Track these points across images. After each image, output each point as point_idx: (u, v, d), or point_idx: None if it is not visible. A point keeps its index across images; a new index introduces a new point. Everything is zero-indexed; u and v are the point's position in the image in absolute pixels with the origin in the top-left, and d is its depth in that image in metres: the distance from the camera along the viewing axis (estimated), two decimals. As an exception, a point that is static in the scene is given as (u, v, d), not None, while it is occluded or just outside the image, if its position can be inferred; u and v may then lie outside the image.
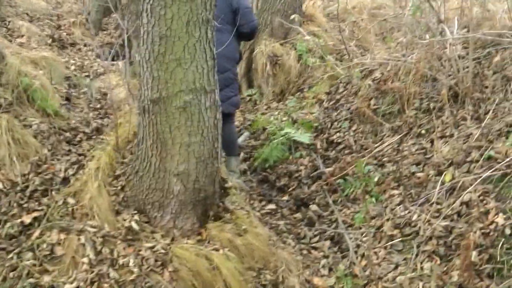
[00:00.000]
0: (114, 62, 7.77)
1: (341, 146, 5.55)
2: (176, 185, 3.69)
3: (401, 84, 5.36)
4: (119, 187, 3.92)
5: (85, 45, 8.46)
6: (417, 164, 4.54)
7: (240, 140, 6.66)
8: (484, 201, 3.73)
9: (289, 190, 5.46)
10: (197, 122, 3.57)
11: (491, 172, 3.76)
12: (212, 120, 3.66)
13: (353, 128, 5.66)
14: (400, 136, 4.99)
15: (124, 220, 3.66)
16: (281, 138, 6.01)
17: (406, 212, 4.14)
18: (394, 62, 5.65)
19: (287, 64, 7.29)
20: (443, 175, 4.11)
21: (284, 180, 5.62)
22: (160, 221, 3.73)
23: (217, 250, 3.66)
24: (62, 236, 3.40)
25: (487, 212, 3.66)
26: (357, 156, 5.09)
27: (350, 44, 7.33)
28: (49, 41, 7.79)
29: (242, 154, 6.32)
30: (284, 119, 6.48)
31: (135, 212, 3.74)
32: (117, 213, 3.75)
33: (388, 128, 5.24)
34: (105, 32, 8.98)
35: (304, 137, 5.75)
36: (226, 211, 4.08)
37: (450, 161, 4.19)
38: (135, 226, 3.62)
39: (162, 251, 3.45)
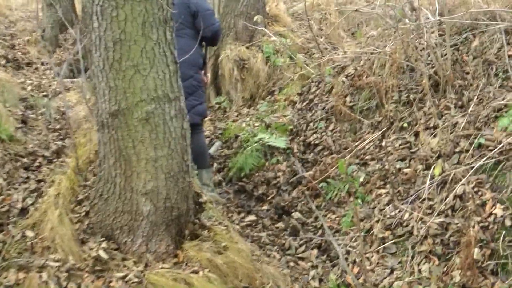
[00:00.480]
0: (75, 80, 7.39)
1: (319, 148, 5.27)
2: (145, 205, 3.35)
3: (377, 78, 5.11)
4: (83, 213, 3.56)
5: (42, 64, 8.03)
6: (403, 159, 4.28)
7: (211, 150, 6.33)
8: (479, 193, 3.47)
9: (269, 198, 5.15)
10: (163, 134, 3.25)
11: (484, 161, 3.50)
12: (179, 131, 3.33)
13: (330, 128, 5.38)
14: (381, 132, 4.73)
15: (91, 249, 3.30)
16: (255, 144, 5.71)
17: (396, 211, 3.86)
18: (367, 56, 5.40)
19: (255, 67, 6.99)
20: (432, 169, 3.84)
21: (262, 189, 5.31)
22: (131, 246, 3.39)
23: (196, 272, 3.34)
24: (21, 275, 3.01)
25: (483, 204, 3.40)
26: (338, 157, 4.81)
27: (319, 41, 7.08)
28: (3, 62, 7.35)
29: (215, 165, 6.00)
30: (256, 124, 6.17)
31: (103, 239, 3.39)
32: (83, 242, 3.38)
33: (367, 125, 4.98)
34: (62, 48, 8.57)
35: (280, 141, 5.45)
36: (203, 228, 3.77)
37: (438, 154, 3.93)
38: (103, 254, 3.26)
39: (136, 279, 3.10)
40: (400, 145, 4.42)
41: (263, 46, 7.20)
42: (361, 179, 4.42)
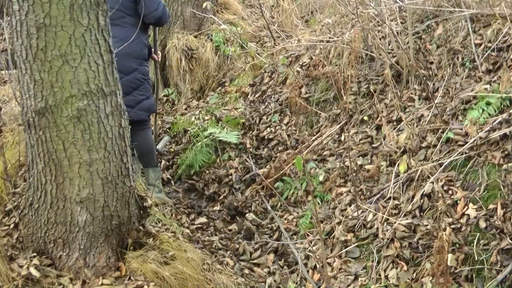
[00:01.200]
0: (13, 72, 6.83)
1: (273, 143, 4.94)
2: (81, 215, 2.97)
3: (334, 68, 4.80)
4: (11, 226, 3.13)
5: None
6: (364, 155, 4.00)
7: (159, 146, 5.92)
8: (450, 191, 3.21)
9: (220, 198, 4.80)
10: (97, 134, 2.85)
11: (454, 157, 3.24)
12: (116, 130, 2.94)
13: (285, 121, 5.06)
14: (339, 125, 4.43)
15: (21, 267, 2.91)
16: (205, 139, 5.34)
17: (359, 212, 3.57)
18: (322, 45, 5.09)
19: (204, 57, 6.59)
20: (396, 166, 3.58)
21: (213, 187, 4.94)
22: (67, 261, 3.01)
23: (140, 287, 2.98)
24: None
25: (454, 204, 3.14)
26: (294, 153, 4.49)
27: (271, 29, 6.74)
28: None
29: (163, 162, 5.59)
30: (206, 118, 5.79)
31: (34, 254, 3.00)
32: (11, 259, 2.97)
33: (324, 118, 4.68)
34: (0, 37, 7.94)
35: (231, 136, 5.10)
36: (148, 235, 3.42)
37: (402, 149, 3.65)
38: (35, 272, 2.88)
39: (72, 299, 2.70)
40: (360, 139, 4.13)
41: (213, 35, 6.81)
42: (320, 177, 4.12)
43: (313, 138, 4.56)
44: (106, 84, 2.83)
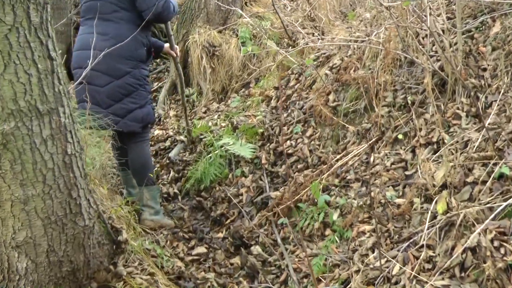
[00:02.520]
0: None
1: (293, 159, 4.19)
2: (20, 262, 2.38)
3: (367, 72, 4.01)
4: None
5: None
6: (395, 184, 3.21)
7: (172, 154, 5.29)
8: (501, 250, 2.39)
9: (227, 222, 4.11)
10: (32, 164, 2.19)
11: (510, 201, 2.42)
12: (60, 158, 2.28)
13: (308, 134, 4.30)
14: (369, 143, 3.64)
15: None
16: (219, 150, 4.65)
17: (383, 261, 2.78)
18: (356, 44, 4.30)
19: (227, 55, 5.90)
20: (433, 203, 2.78)
21: (221, 208, 4.26)
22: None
23: None
24: None
25: (507, 269, 2.32)
26: (313, 175, 3.73)
27: (290, 27, 5.98)
28: None
29: (172, 173, 4.94)
30: (223, 124, 5.10)
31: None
32: None
33: (352, 133, 3.89)
34: None
35: (245, 149, 4.38)
36: (117, 278, 2.75)
37: (442, 182, 2.84)
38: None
39: None
40: (392, 163, 3.34)
41: (238, 30, 6.10)
42: (339, 208, 3.35)
43: (337, 157, 3.79)
44: (42, 100, 2.16)
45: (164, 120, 6.07)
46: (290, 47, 5.58)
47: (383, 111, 3.66)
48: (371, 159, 3.52)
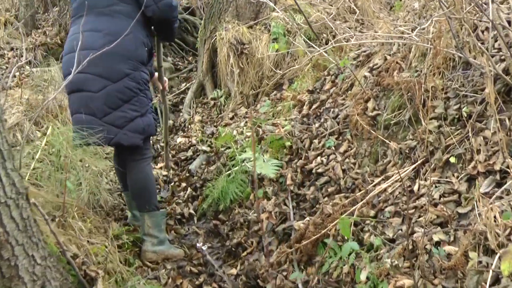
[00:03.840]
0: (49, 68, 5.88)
1: (323, 180, 3.50)
2: None
3: (413, 75, 3.29)
4: None
5: (11, 49, 6.55)
6: (444, 224, 2.48)
7: (192, 166, 4.70)
8: None
9: (244, 254, 3.46)
10: None
11: None
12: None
13: (342, 149, 3.60)
14: (413, 166, 2.92)
15: None
16: (240, 166, 4.03)
17: (427, 334, 2.08)
18: (401, 40, 3.57)
19: (257, 53, 5.24)
20: (495, 259, 2.05)
21: (239, 236, 3.64)
22: None
23: None
24: None
25: None
26: (345, 203, 3.04)
27: (347, 19, 5.28)
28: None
29: (189, 190, 4.35)
30: (249, 133, 4.46)
31: None
32: None
33: (394, 151, 3.17)
34: (39, 30, 7.04)
35: (268, 167, 3.71)
36: None
37: (508, 231, 2.10)
38: None
39: None
40: (442, 196, 2.61)
41: (271, 25, 5.43)
42: (373, 251, 2.66)
43: (375, 181, 3.08)
44: None
45: (189, 126, 5.49)
46: (326, 44, 4.87)
47: (432, 126, 2.93)
48: (415, 187, 2.79)
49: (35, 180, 3.04)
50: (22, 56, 6.17)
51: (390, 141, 3.25)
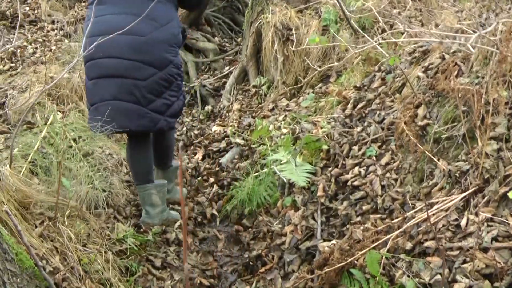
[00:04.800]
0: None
1: (358, 195, 3.07)
2: None
3: (473, 81, 2.79)
4: None
5: (52, 22, 6.33)
6: (493, 278, 2.02)
7: (224, 160, 4.36)
8: None
9: (262, 270, 3.09)
10: None
11: None
12: None
13: (384, 161, 3.15)
14: (464, 194, 2.45)
15: None
16: (269, 168, 3.65)
17: None
18: (457, 41, 3.06)
19: (304, 40, 4.78)
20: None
21: (260, 247, 3.29)
22: None
23: None
24: None
25: None
26: (377, 230, 2.60)
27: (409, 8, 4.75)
28: (-6, 19, 5.73)
29: (214, 188, 4.00)
30: (285, 130, 4.05)
31: None
32: None
33: (442, 172, 2.70)
34: (83, 3, 6.78)
35: (299, 173, 3.29)
36: None
37: None
38: None
39: None
40: (494, 239, 2.14)
41: (322, 11, 4.96)
42: (406, 298, 2.23)
43: (417, 207, 2.63)
44: None
45: (226, 114, 5.12)
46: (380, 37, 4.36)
47: (490, 148, 2.44)
48: (463, 222, 2.33)
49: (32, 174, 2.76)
50: (62, 29, 5.93)
51: (439, 159, 2.77)
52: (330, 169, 3.37)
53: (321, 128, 3.66)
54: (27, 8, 6.37)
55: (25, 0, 6.60)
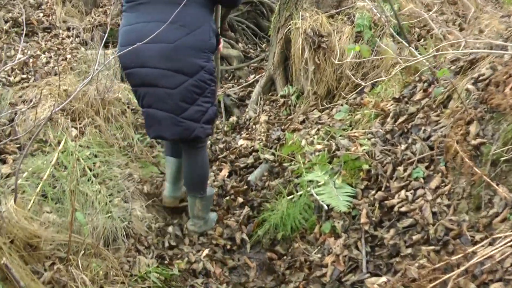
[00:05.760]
0: (106, 51, 5.44)
1: (407, 222, 2.80)
2: None
3: (536, 99, 2.50)
4: None
5: (68, 29, 6.13)
6: None
7: (252, 177, 4.11)
8: None
9: (300, 308, 2.83)
10: None
11: None
12: None
13: (434, 184, 2.87)
14: (532, 229, 2.17)
15: None
16: (304, 189, 3.39)
17: None
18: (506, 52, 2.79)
19: (337, 48, 4.51)
20: None
21: (297, 278, 3.03)
22: None
23: None
24: None
25: None
26: (434, 267, 2.33)
27: (444, 11, 4.47)
28: (5, 26, 5.52)
29: (245, 209, 3.75)
30: (319, 146, 3.78)
31: None
32: None
33: (503, 200, 2.42)
34: (100, 9, 6.58)
35: (339, 197, 3.04)
36: None
37: None
38: None
39: None
40: None
41: (355, 16, 4.68)
42: None
43: (478, 244, 2.35)
44: None
45: (253, 126, 4.87)
46: (420, 44, 4.09)
47: None
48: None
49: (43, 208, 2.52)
50: (78, 36, 5.73)
51: (497, 184, 2.49)
52: (373, 192, 3.10)
53: (361, 145, 3.39)
54: (41, 14, 6.18)
55: (39, 5, 6.41)
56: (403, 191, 2.94)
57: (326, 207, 3.14)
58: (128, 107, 4.03)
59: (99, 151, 3.16)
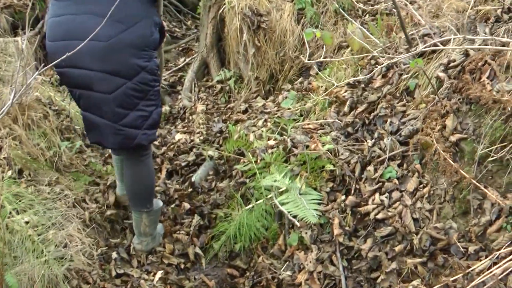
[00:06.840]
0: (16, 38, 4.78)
1: (385, 231, 2.52)
2: None
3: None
4: None
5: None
6: None
7: (196, 178, 3.71)
8: None
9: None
10: None
11: None
12: None
13: (411, 186, 2.60)
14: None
15: None
16: (264, 198, 3.04)
17: None
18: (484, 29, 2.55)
19: (278, 28, 4.15)
20: None
21: (266, 300, 2.68)
22: None
23: None
24: None
25: None
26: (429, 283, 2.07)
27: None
28: None
29: (196, 218, 3.35)
30: (272, 142, 3.42)
31: None
32: None
33: (495, 206, 2.18)
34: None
35: (304, 208, 2.71)
36: None
37: None
38: None
39: None
40: None
41: (294, -9, 4.33)
42: None
43: (470, 254, 2.10)
44: None
45: (190, 117, 4.43)
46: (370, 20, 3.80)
47: None
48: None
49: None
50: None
51: (486, 187, 2.25)
52: (341, 196, 2.80)
53: (321, 142, 3.06)
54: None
55: None
56: (376, 195, 2.66)
57: (293, 219, 2.80)
58: (50, 108, 3.49)
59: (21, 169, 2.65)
